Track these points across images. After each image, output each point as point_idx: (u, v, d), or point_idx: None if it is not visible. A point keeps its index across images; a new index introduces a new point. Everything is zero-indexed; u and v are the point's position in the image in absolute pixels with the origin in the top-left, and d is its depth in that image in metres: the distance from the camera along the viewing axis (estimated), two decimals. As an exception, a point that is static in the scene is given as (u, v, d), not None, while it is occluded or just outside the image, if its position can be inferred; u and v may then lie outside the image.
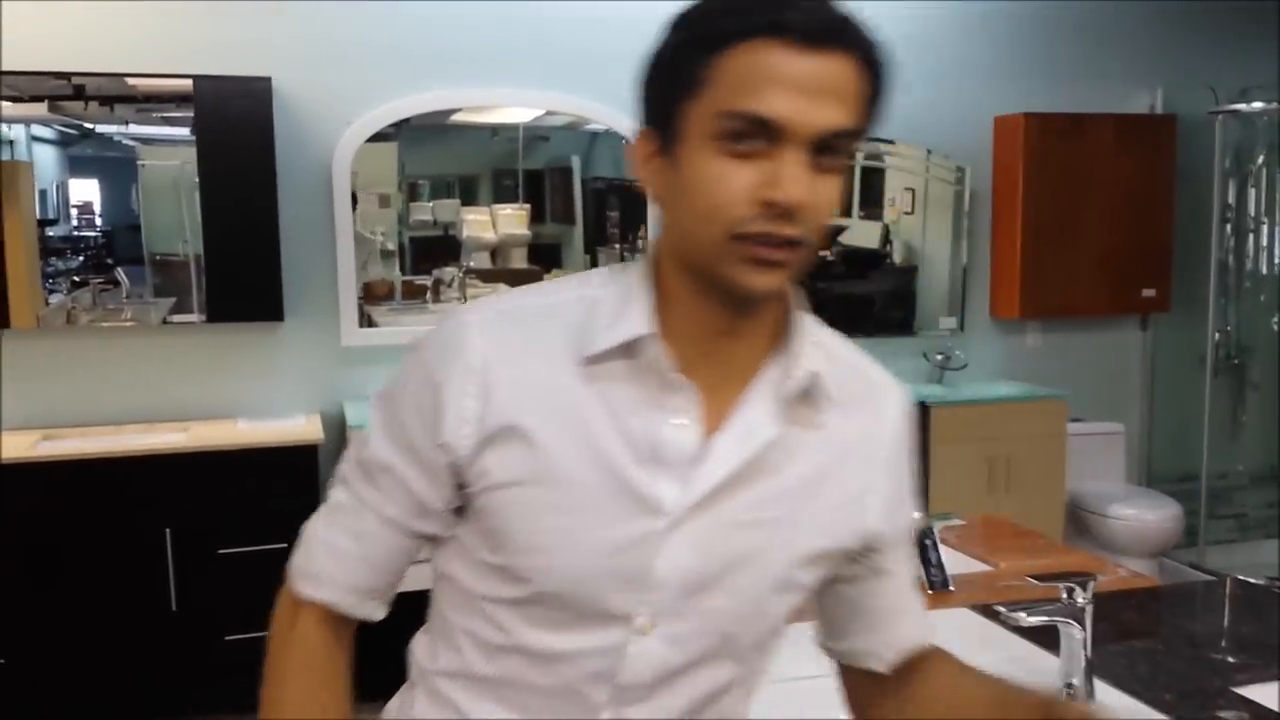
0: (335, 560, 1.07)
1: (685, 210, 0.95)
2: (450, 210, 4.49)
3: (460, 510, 1.04)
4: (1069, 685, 1.69)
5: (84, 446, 3.65)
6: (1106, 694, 1.71)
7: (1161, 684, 1.76)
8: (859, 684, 1.21)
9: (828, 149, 0.91)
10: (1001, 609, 1.69)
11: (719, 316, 0.99)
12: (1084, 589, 1.67)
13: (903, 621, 1.17)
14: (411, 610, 1.17)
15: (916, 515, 1.17)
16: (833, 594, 1.15)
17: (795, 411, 1.02)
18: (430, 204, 4.50)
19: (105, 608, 3.57)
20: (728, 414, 1.00)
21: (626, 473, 0.97)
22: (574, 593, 0.99)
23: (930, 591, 2.28)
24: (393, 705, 1.16)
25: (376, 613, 1.10)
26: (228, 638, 3.60)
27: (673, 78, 0.94)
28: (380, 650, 1.38)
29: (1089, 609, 1.67)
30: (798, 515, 1.03)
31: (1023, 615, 1.65)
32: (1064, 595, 1.67)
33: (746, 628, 1.05)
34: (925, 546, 2.31)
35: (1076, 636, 1.67)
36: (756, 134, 0.90)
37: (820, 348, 1.05)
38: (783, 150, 0.90)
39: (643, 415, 0.98)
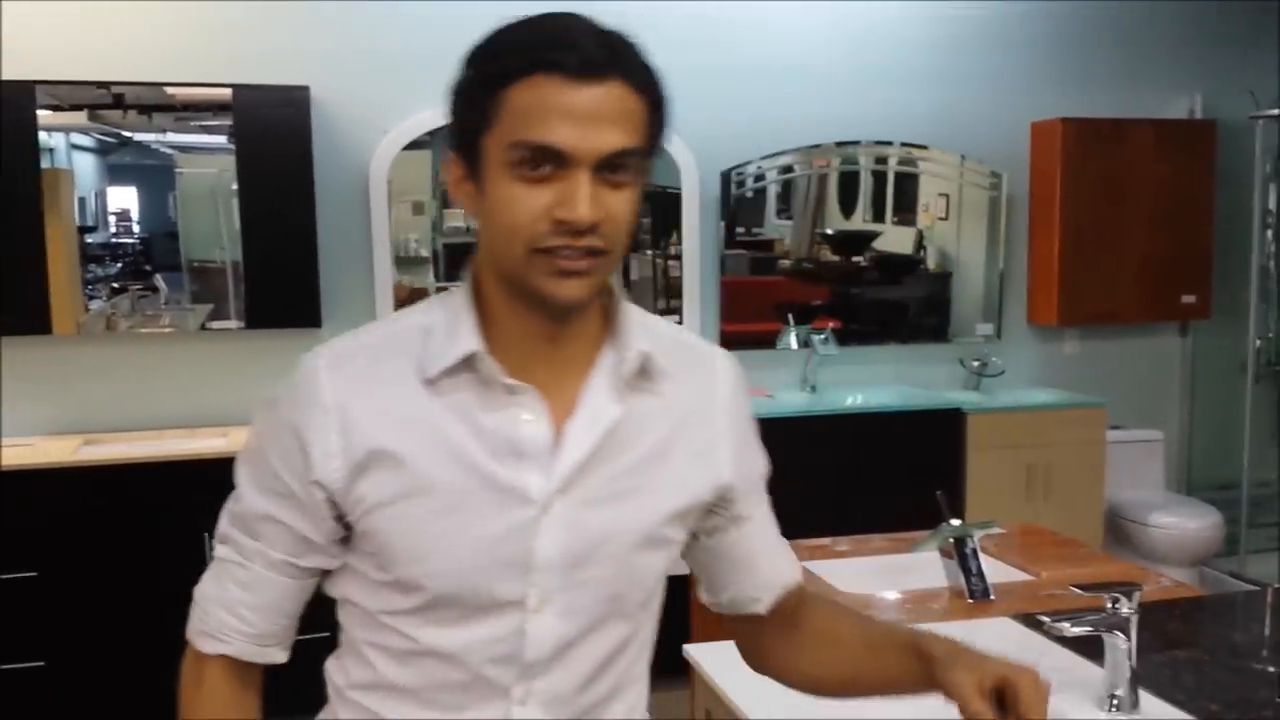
0: (229, 613, 1.13)
1: (492, 230, 1.03)
2: (484, 217, 4.50)
3: (345, 540, 1.10)
4: (1113, 695, 1.68)
5: (125, 451, 3.70)
6: (1151, 704, 1.70)
7: (1206, 694, 1.75)
8: (749, 634, 1.31)
9: (615, 167, 1.00)
10: (1046, 619, 1.69)
11: (540, 323, 1.07)
12: (1129, 599, 1.65)
13: (770, 562, 1.27)
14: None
15: (765, 463, 1.25)
16: (702, 549, 1.24)
17: (634, 390, 1.11)
18: (463, 211, 4.51)
19: (144, 612, 3.59)
20: (574, 404, 1.09)
21: (490, 470, 1.05)
22: (465, 590, 1.06)
23: (971, 600, 2.27)
24: None
25: (278, 657, 1.15)
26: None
27: (469, 111, 1.02)
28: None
29: (1134, 619, 1.66)
30: (654, 480, 1.12)
31: (1067, 625, 1.64)
32: (1109, 605, 1.66)
33: (630, 588, 1.12)
34: (965, 555, 2.30)
35: (1121, 646, 1.66)
36: (546, 160, 0.98)
37: (646, 329, 1.13)
38: (572, 172, 0.98)
39: (493, 416, 1.06)
